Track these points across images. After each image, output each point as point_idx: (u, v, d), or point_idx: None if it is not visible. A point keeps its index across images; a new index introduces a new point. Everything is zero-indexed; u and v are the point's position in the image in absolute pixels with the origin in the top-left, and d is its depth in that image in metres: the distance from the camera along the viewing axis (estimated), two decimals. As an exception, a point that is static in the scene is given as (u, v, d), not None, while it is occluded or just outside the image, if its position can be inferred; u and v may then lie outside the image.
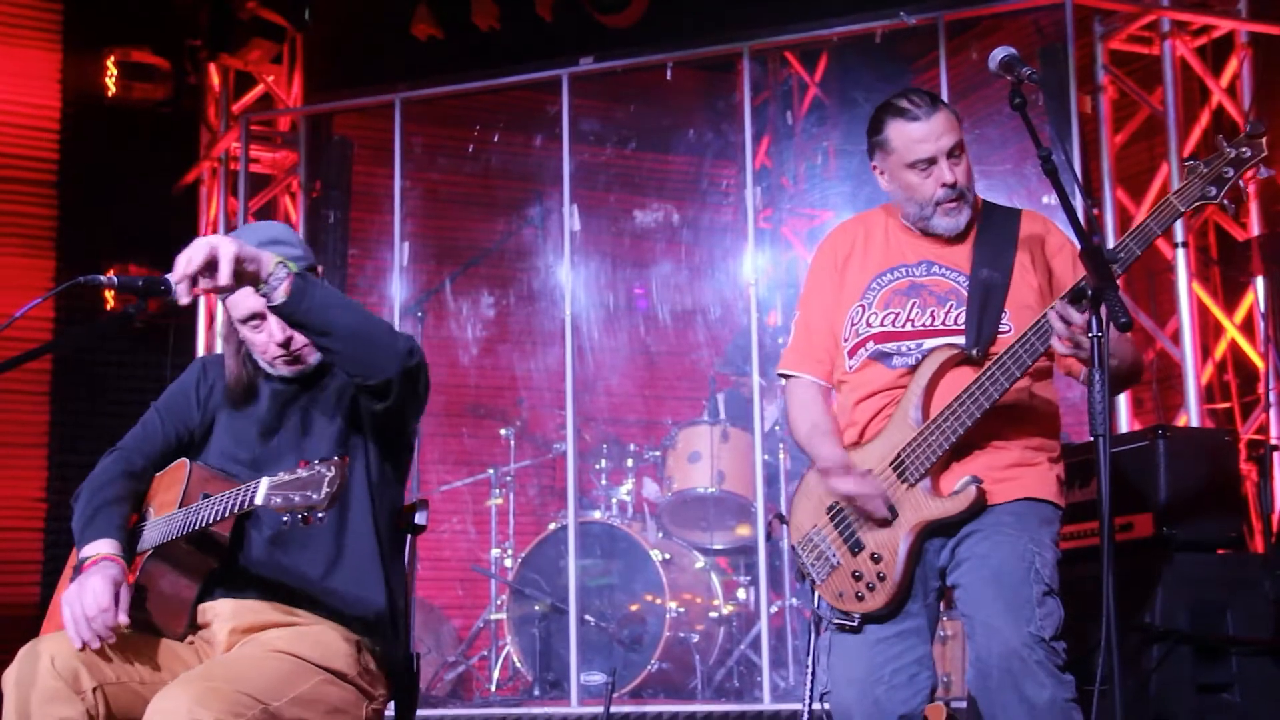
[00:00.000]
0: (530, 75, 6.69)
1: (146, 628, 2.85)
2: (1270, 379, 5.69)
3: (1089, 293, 2.76)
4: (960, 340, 3.10)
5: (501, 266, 7.99)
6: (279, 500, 2.57)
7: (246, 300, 2.90)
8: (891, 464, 3.09)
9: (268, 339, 2.94)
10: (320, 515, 2.56)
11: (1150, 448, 4.34)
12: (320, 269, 3.04)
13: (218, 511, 2.72)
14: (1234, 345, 5.94)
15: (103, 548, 2.81)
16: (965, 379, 3.04)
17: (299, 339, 2.93)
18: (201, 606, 2.92)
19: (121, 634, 2.78)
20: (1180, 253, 5.70)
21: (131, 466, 3.00)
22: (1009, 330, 3.08)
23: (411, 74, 6.82)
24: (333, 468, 2.56)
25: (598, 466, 6.67)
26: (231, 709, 2.57)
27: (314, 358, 2.97)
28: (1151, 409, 6.16)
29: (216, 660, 2.82)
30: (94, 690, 2.67)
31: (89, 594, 2.70)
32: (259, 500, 2.60)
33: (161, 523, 2.86)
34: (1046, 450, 3.16)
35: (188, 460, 2.95)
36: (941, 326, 3.13)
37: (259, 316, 2.93)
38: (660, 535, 6.47)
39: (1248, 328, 5.91)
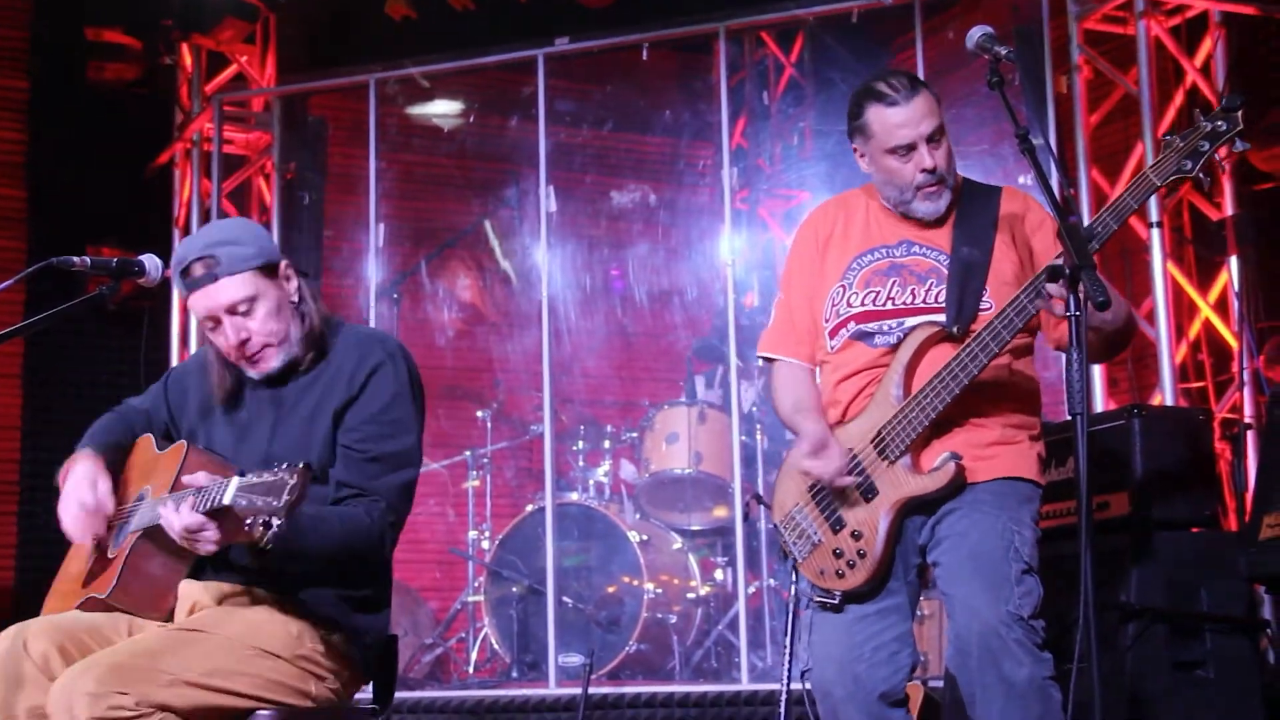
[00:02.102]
0: (506, 55, 6.66)
1: (130, 608, 2.83)
2: (1244, 358, 5.71)
3: (1066, 272, 2.74)
4: (941, 318, 3.10)
5: (476, 248, 7.96)
6: (244, 503, 2.48)
7: (202, 301, 2.88)
8: (873, 442, 3.09)
9: (225, 342, 2.92)
10: (278, 523, 2.46)
11: (1125, 427, 4.34)
12: (284, 263, 2.97)
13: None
14: (1208, 325, 5.96)
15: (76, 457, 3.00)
16: (946, 356, 3.04)
17: (255, 340, 2.90)
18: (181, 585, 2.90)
19: (99, 617, 2.77)
20: (1155, 233, 5.71)
21: (128, 410, 3.16)
22: (989, 307, 3.08)
23: (386, 54, 6.78)
24: (295, 475, 2.45)
25: (575, 448, 6.65)
26: (135, 680, 2.56)
27: (275, 360, 2.93)
28: (1126, 388, 6.18)
29: (132, 639, 2.80)
30: None
31: (69, 497, 2.91)
32: (227, 500, 2.52)
33: (150, 505, 2.84)
34: (1027, 428, 3.16)
35: (185, 443, 2.94)
36: (922, 305, 3.13)
37: (215, 320, 2.90)
38: (637, 516, 6.47)
39: (1221, 307, 5.93)
